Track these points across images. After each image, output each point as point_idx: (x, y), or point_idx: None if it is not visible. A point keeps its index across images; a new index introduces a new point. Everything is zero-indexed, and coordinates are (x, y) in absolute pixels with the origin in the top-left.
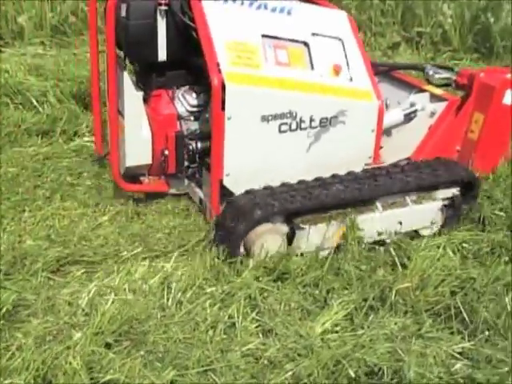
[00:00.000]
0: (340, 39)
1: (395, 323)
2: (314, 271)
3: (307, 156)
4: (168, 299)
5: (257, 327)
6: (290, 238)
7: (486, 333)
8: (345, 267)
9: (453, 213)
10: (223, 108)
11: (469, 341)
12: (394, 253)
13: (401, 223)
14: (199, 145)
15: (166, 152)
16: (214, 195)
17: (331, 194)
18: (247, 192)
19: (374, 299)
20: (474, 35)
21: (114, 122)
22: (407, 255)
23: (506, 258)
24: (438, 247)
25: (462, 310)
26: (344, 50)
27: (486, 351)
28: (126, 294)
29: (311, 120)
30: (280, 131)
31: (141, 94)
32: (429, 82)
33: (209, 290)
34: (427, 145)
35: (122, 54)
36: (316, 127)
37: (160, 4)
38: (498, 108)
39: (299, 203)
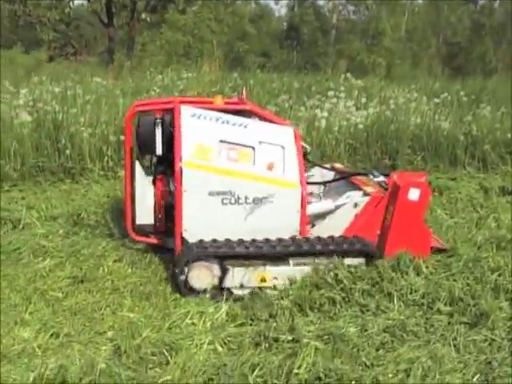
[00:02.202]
0: (282, 146)
1: None
2: None
3: (244, 223)
4: None
5: None
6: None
7: None
8: None
9: None
10: (181, 183)
11: None
12: (166, 353)
13: None
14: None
15: (159, 215)
16: (177, 242)
17: (250, 248)
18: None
19: None
20: None
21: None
22: (176, 351)
23: (267, 345)
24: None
25: None
26: (284, 153)
27: None
28: None
29: (246, 198)
30: (222, 203)
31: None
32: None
33: None
34: (353, 228)
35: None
36: (250, 203)
37: (156, 118)
38: (404, 202)
39: (224, 250)
